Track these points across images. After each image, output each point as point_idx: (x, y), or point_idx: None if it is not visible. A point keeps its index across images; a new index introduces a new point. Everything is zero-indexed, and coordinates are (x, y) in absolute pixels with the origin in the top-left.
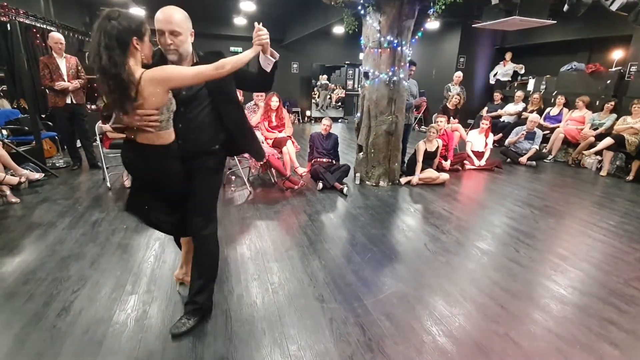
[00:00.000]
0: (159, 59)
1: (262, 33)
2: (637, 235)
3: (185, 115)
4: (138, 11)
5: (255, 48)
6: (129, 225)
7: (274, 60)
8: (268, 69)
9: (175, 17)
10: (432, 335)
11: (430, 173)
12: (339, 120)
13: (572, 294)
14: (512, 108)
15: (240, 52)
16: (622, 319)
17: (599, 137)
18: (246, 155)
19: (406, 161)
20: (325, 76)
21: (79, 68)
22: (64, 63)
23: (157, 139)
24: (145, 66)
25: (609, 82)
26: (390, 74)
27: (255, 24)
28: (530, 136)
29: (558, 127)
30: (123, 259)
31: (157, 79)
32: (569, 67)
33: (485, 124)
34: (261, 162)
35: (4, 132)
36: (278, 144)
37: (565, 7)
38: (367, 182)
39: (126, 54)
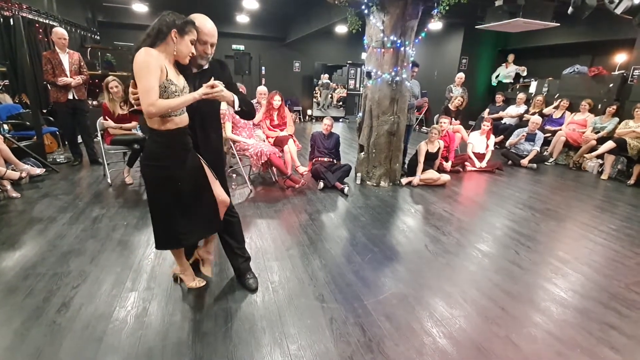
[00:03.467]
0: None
1: (213, 91)
2: (638, 239)
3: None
4: (141, 7)
5: (200, 91)
6: (129, 221)
7: (237, 108)
8: (235, 108)
9: (216, 30)
10: (433, 336)
11: (431, 174)
12: (340, 120)
13: (572, 298)
14: (513, 110)
15: (242, 50)
16: (623, 323)
17: (601, 141)
18: (247, 153)
19: (407, 162)
20: (326, 75)
21: (82, 64)
22: (67, 58)
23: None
24: (182, 69)
25: (611, 85)
26: (393, 74)
27: (212, 81)
28: (531, 138)
29: (560, 129)
30: (123, 256)
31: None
32: (572, 69)
33: (486, 125)
34: (262, 161)
35: (5, 126)
36: (279, 143)
37: (570, 10)
38: (368, 182)
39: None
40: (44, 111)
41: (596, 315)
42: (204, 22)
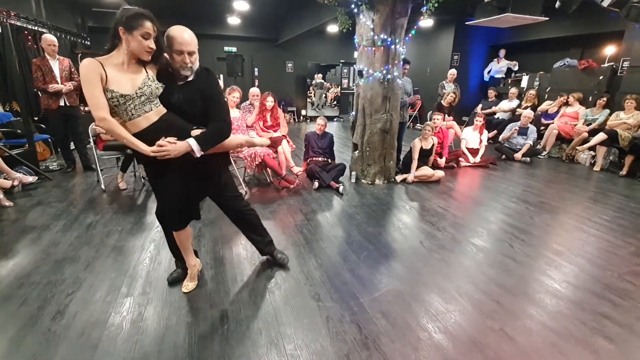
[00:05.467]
0: (166, 72)
1: (161, 150)
2: (630, 229)
3: None
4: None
5: (146, 149)
6: (123, 227)
7: (197, 155)
8: (196, 155)
9: (193, 39)
10: (428, 331)
11: (426, 171)
12: (335, 119)
13: (566, 289)
14: (506, 105)
15: (234, 52)
16: (617, 313)
17: (592, 133)
18: (242, 155)
19: (402, 159)
20: (320, 75)
21: (72, 70)
22: (57, 65)
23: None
24: (166, 80)
25: (601, 77)
26: (384, 72)
27: (161, 141)
28: (523, 132)
29: (552, 123)
30: (118, 261)
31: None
32: (562, 63)
33: (479, 120)
34: (257, 162)
35: None
36: (273, 144)
37: (557, 4)
38: (362, 181)
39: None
40: (35, 118)
41: (590, 306)
42: (180, 32)
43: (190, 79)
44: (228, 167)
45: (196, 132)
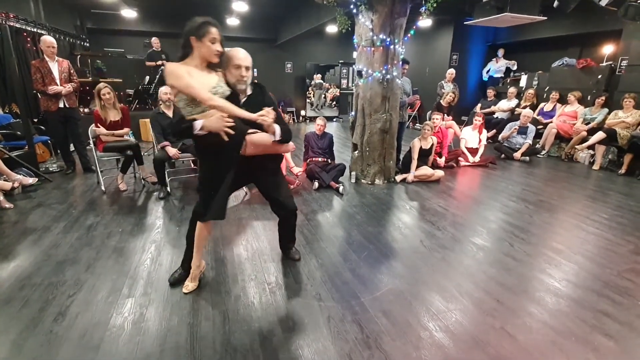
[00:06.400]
0: (231, 93)
1: (266, 118)
2: (629, 227)
3: None
4: (130, 13)
5: (252, 116)
6: (124, 228)
7: (276, 138)
8: (276, 138)
9: (248, 57)
10: (429, 330)
11: (425, 170)
12: (334, 119)
13: (566, 287)
14: (505, 104)
15: None
16: (616, 310)
17: (591, 132)
18: None
19: (401, 159)
20: (319, 75)
21: (72, 71)
22: (56, 67)
23: None
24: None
25: (600, 76)
26: (383, 72)
27: (266, 109)
28: (523, 131)
29: (551, 122)
30: (119, 263)
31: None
32: (561, 62)
33: (478, 120)
34: None
35: None
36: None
37: (556, 3)
38: (362, 181)
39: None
40: (35, 120)
41: (590, 304)
42: (237, 51)
43: (248, 92)
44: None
45: (252, 133)
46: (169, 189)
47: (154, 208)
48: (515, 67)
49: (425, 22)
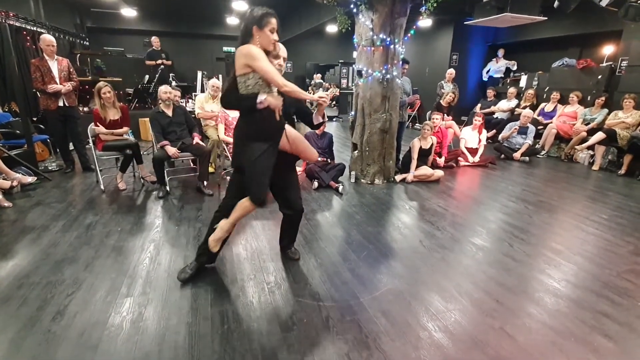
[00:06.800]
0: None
1: (326, 98)
2: (629, 228)
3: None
4: (130, 12)
5: (313, 97)
6: (123, 227)
7: (321, 120)
8: (315, 122)
9: (284, 49)
10: (429, 330)
11: (425, 170)
12: (334, 119)
13: (566, 288)
14: (504, 104)
15: (233, 52)
16: (616, 311)
17: (591, 132)
18: None
19: (401, 159)
20: (319, 75)
21: (71, 70)
22: (56, 65)
23: None
24: None
25: (600, 77)
26: (383, 72)
27: (332, 90)
28: (523, 131)
29: (551, 122)
30: (118, 262)
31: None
32: (561, 62)
33: (478, 120)
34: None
35: None
36: None
37: (556, 4)
38: (362, 180)
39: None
40: (34, 119)
41: (589, 304)
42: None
43: None
44: None
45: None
46: (168, 188)
47: (153, 207)
48: (515, 68)
49: (425, 22)
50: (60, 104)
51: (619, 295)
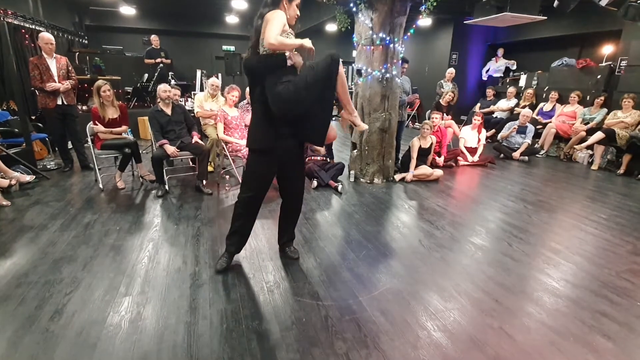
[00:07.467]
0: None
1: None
2: (628, 228)
3: None
4: (129, 10)
5: (303, 41)
6: (122, 226)
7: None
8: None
9: None
10: (427, 330)
11: (424, 169)
12: (334, 118)
13: (565, 287)
14: (504, 104)
15: (233, 51)
16: (615, 311)
17: (590, 132)
18: (240, 154)
19: (400, 158)
20: None
21: (70, 68)
22: (54, 63)
23: None
24: None
25: (599, 77)
26: (382, 71)
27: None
28: (522, 131)
29: (550, 122)
30: (116, 261)
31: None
32: (560, 62)
33: (477, 119)
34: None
35: None
36: None
37: (555, 3)
38: (361, 180)
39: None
40: (33, 117)
41: (588, 304)
42: None
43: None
44: None
45: None
46: (167, 187)
47: (151, 206)
48: (514, 67)
49: (425, 21)
50: (59, 102)
51: (618, 294)
